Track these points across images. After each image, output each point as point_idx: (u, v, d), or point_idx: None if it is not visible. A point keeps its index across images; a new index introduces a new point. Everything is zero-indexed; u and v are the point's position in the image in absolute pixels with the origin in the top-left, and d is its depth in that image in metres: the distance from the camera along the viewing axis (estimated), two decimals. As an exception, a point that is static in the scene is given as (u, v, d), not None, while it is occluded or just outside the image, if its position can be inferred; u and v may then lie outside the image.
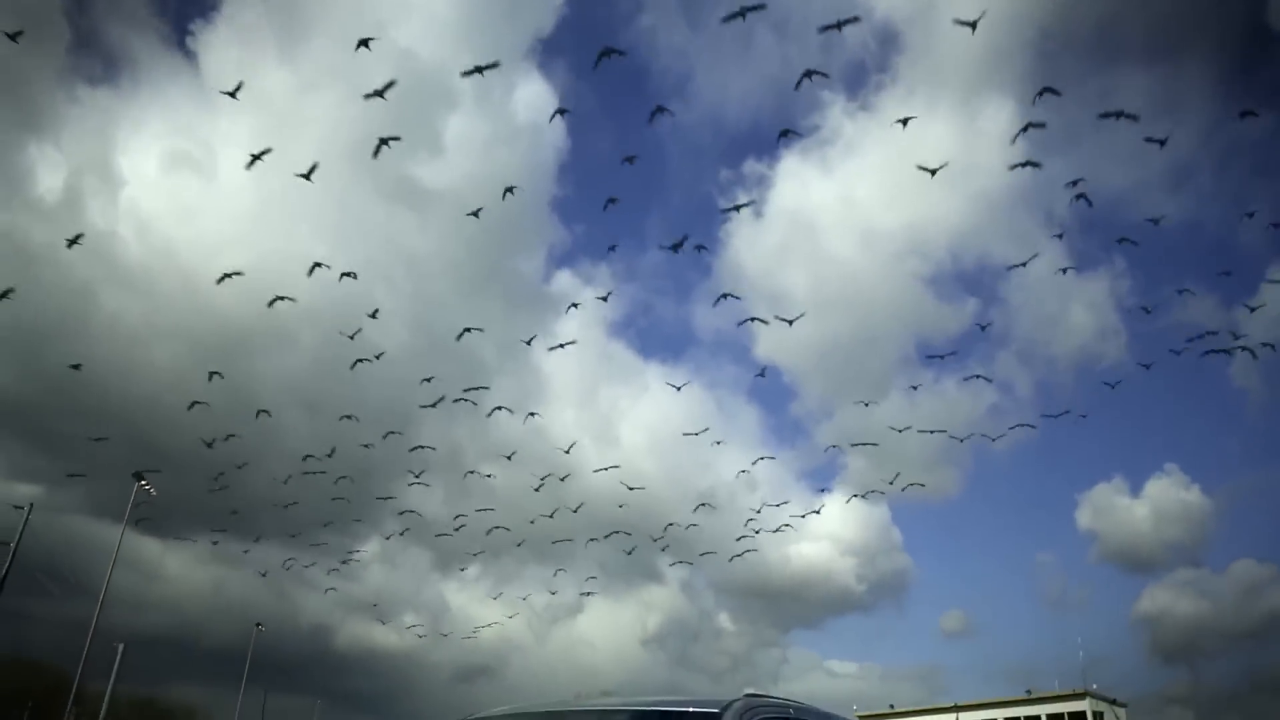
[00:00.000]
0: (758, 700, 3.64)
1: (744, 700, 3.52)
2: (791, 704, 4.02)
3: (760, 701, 3.64)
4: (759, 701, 3.63)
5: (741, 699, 3.52)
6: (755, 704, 3.56)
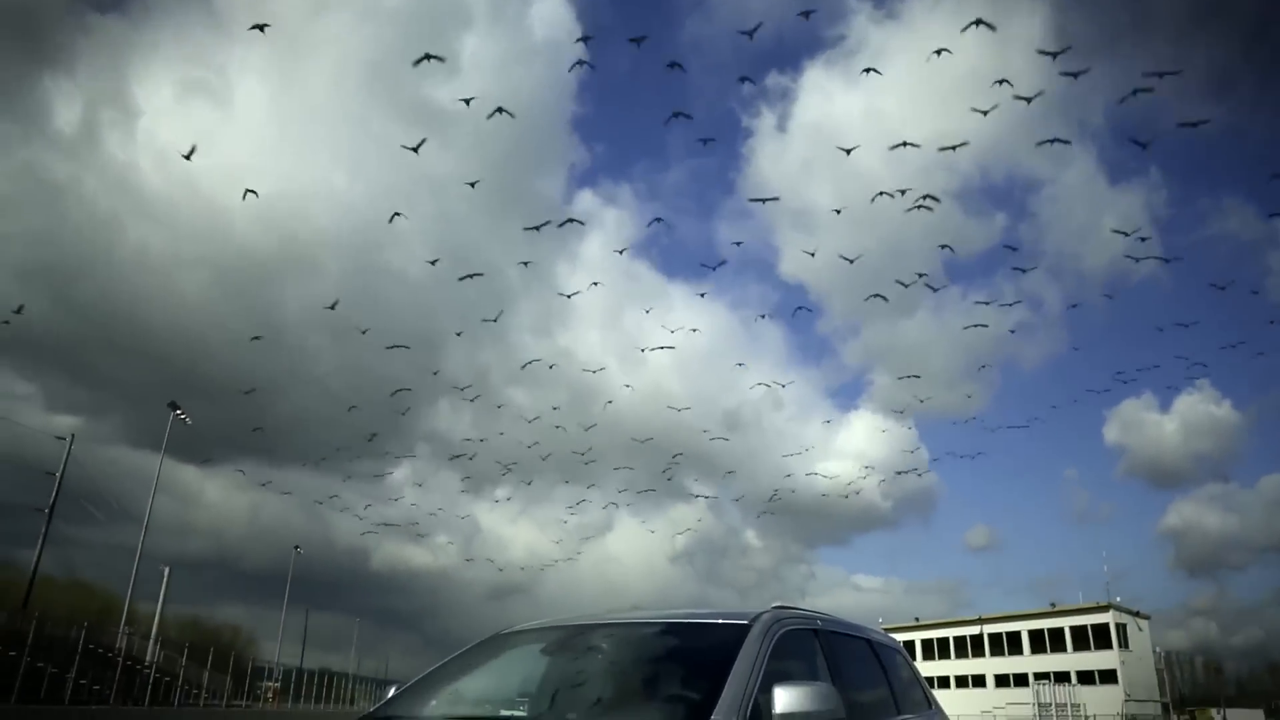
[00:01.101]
0: (786, 612, 3.68)
1: (772, 612, 3.56)
2: (819, 616, 4.07)
3: (788, 613, 3.69)
4: (787, 613, 3.67)
5: (770, 611, 3.56)
6: (783, 616, 3.60)
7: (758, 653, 3.16)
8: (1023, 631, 61.64)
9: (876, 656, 4.51)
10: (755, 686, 2.97)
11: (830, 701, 2.87)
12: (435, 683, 3.81)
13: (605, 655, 3.74)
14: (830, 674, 3.63)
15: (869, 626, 4.79)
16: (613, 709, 3.28)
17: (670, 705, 3.10)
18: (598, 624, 4.00)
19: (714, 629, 3.50)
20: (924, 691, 5.06)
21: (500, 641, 4.11)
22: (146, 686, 32.42)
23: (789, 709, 2.80)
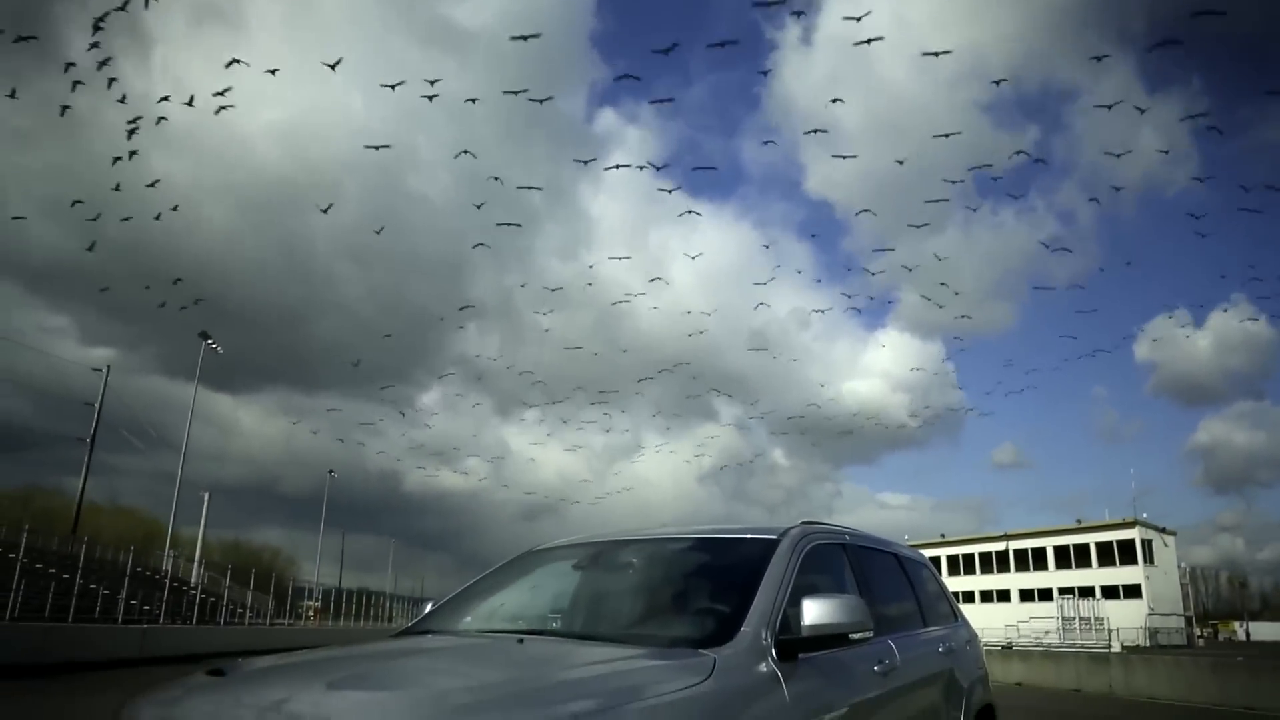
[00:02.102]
0: (814, 527, 3.71)
1: (800, 528, 3.59)
2: (847, 531, 4.11)
3: (816, 528, 3.72)
4: (815, 528, 3.71)
5: (798, 526, 3.60)
6: (811, 530, 3.64)
7: (786, 566, 3.20)
8: (1048, 547, 62.15)
9: (903, 570, 4.57)
10: (784, 599, 3.01)
11: (858, 613, 2.91)
12: (470, 598, 3.91)
13: (636, 570, 3.81)
14: (858, 587, 3.68)
15: (896, 541, 4.83)
16: (643, 621, 3.35)
17: (700, 618, 3.16)
18: (628, 539, 4.06)
19: (743, 544, 3.55)
20: (950, 604, 5.13)
21: (533, 558, 4.20)
22: (193, 606, 33.64)
23: (817, 620, 2.84)
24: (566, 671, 2.47)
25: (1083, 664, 21.55)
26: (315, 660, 2.78)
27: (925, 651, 4.14)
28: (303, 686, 2.27)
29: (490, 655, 2.94)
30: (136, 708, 2.31)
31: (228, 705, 2.18)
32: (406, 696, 2.23)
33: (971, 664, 4.69)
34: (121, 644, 21.25)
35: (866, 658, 3.37)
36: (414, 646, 3.17)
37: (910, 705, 3.74)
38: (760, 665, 2.71)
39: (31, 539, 27.37)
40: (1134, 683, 18.59)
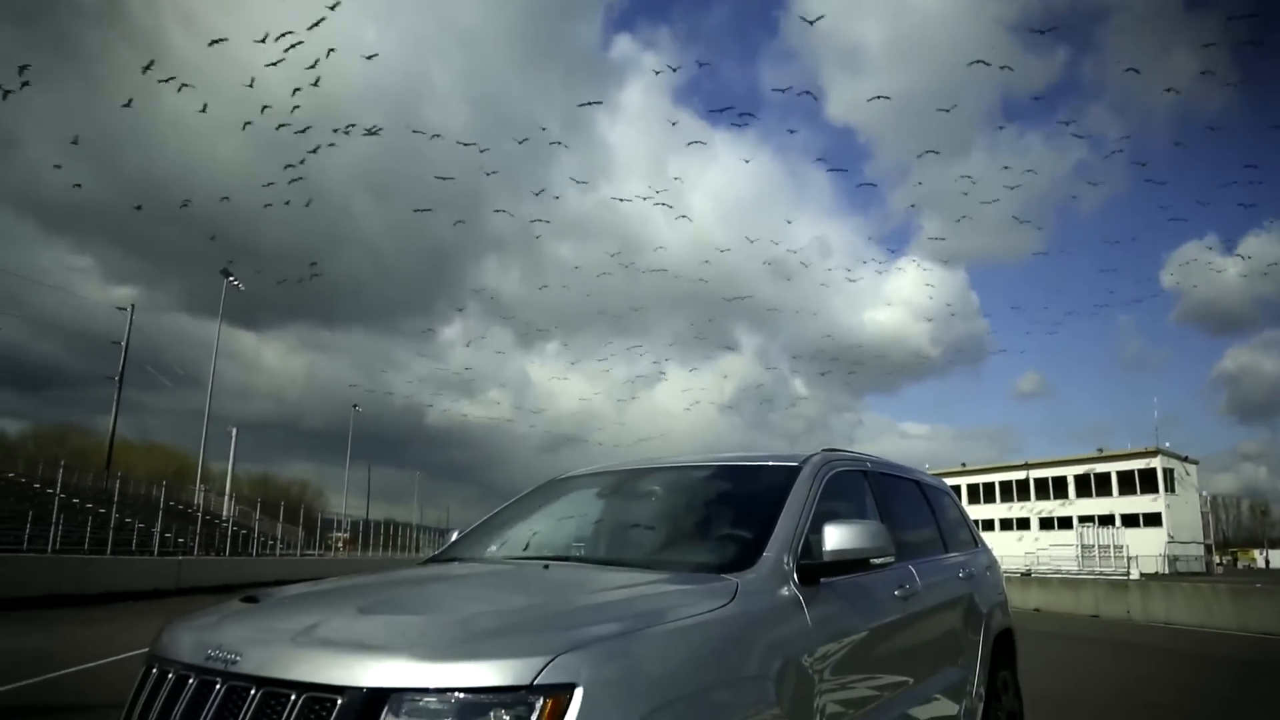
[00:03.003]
0: (835, 455, 3.72)
1: (822, 455, 3.60)
2: (868, 458, 4.12)
3: (837, 456, 3.73)
4: (836, 456, 3.71)
5: (820, 453, 3.60)
6: (833, 458, 3.65)
7: (808, 493, 3.22)
8: (1069, 476, 62.27)
9: (925, 497, 4.58)
10: (806, 525, 3.03)
11: (880, 539, 2.93)
12: (494, 527, 3.97)
13: (658, 498, 3.85)
14: (879, 514, 3.70)
15: (917, 469, 4.84)
16: (666, 548, 3.39)
17: (722, 543, 3.19)
18: (650, 468, 4.09)
19: (765, 471, 3.57)
20: (971, 530, 5.16)
21: (556, 486, 4.24)
22: (225, 539, 34.49)
23: (839, 545, 2.86)
24: (591, 595, 2.51)
25: (1101, 590, 21.74)
26: (345, 587, 2.84)
27: (945, 577, 4.17)
28: (334, 612, 2.32)
29: (516, 580, 2.99)
30: (175, 631, 2.38)
31: (262, 629, 2.24)
32: (435, 620, 2.28)
33: (991, 589, 4.74)
34: (158, 575, 21.90)
35: (887, 582, 3.41)
36: (441, 573, 3.23)
37: (930, 629, 3.79)
38: (782, 589, 2.74)
39: (67, 475, 28.06)
40: (1151, 609, 18.76)
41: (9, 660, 9.01)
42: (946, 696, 3.81)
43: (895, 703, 3.28)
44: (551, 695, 1.81)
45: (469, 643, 1.96)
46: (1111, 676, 9.78)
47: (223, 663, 2.04)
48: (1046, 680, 8.69)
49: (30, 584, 16.76)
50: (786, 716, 2.41)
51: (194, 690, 2.06)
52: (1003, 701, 4.54)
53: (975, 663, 4.20)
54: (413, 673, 1.82)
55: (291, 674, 1.90)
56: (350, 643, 2.03)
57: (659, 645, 2.14)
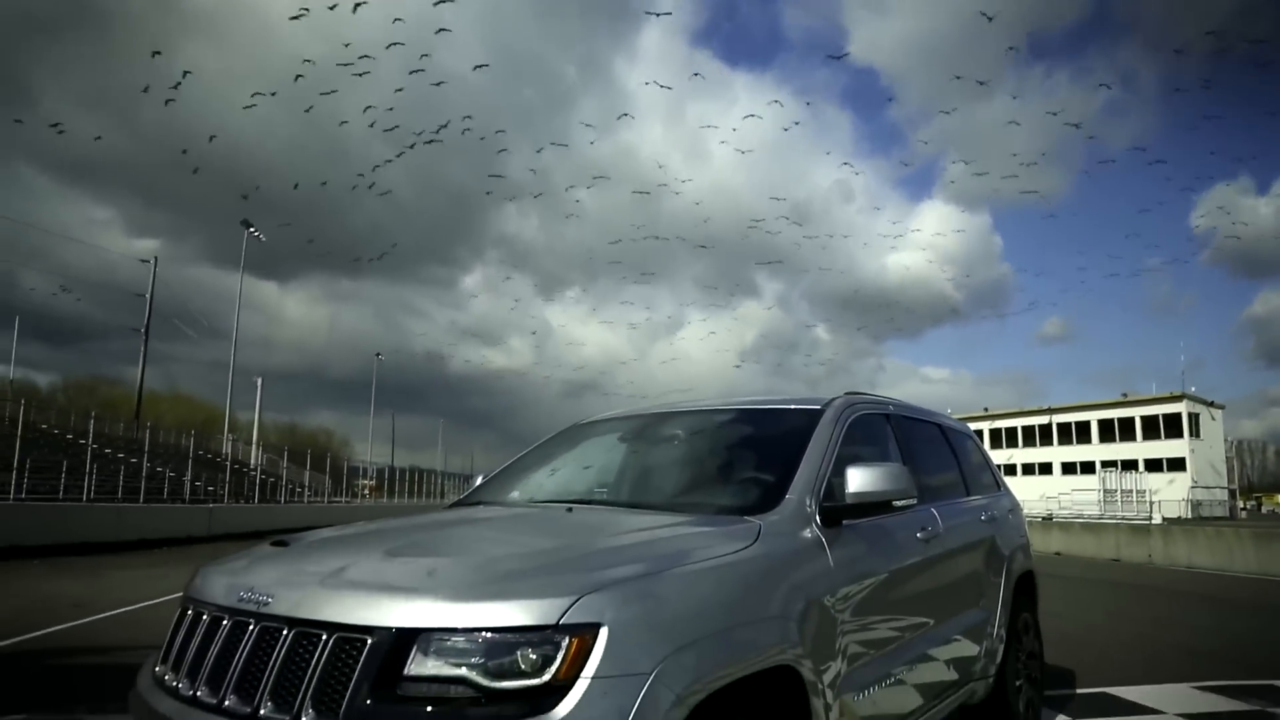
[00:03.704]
0: (857, 398, 3.71)
1: (844, 398, 3.59)
2: (891, 401, 4.11)
3: (860, 399, 3.72)
4: (859, 399, 3.70)
5: (842, 397, 3.59)
6: (855, 401, 3.63)
7: (830, 435, 3.21)
8: (1092, 421, 61.97)
9: (947, 440, 4.57)
10: (828, 468, 3.04)
11: (902, 481, 2.93)
12: (518, 471, 4.01)
13: (680, 441, 3.86)
14: (902, 456, 3.70)
15: (940, 412, 4.82)
16: (689, 490, 3.40)
17: (745, 486, 3.20)
18: (673, 412, 4.10)
19: (787, 414, 3.56)
20: (993, 474, 5.15)
21: (579, 431, 4.27)
22: (254, 486, 35.12)
23: (862, 488, 2.87)
24: (615, 537, 2.53)
25: (1122, 535, 21.76)
26: (372, 531, 2.88)
27: (968, 519, 4.18)
28: (362, 555, 2.36)
29: (541, 523, 3.02)
30: (208, 574, 2.44)
31: (292, 572, 2.28)
32: (461, 562, 2.31)
33: (1013, 532, 4.74)
34: (190, 522, 22.37)
35: (909, 525, 3.42)
36: (466, 516, 3.27)
37: (952, 571, 3.81)
38: (805, 531, 2.76)
39: (98, 426, 28.57)
40: (1173, 553, 18.77)
41: (52, 605, 9.28)
42: (967, 638, 3.84)
43: (916, 643, 3.31)
44: (577, 635, 1.84)
45: (495, 583, 1.99)
46: (1130, 618, 9.83)
47: (255, 604, 2.08)
48: (1065, 622, 8.74)
49: (67, 532, 17.18)
50: (809, 656, 2.44)
51: (228, 631, 2.11)
52: (1023, 643, 4.58)
53: (997, 605, 4.22)
54: (440, 613, 1.85)
55: (322, 615, 1.94)
56: (378, 584, 2.06)
57: (683, 586, 2.17)
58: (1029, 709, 4.50)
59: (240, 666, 2.01)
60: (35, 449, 26.73)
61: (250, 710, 1.92)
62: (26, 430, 23.99)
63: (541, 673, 1.80)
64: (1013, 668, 4.34)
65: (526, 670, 1.80)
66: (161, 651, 2.37)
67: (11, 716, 4.59)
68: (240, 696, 1.97)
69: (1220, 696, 5.50)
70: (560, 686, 1.79)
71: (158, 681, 2.27)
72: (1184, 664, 6.71)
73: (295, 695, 1.87)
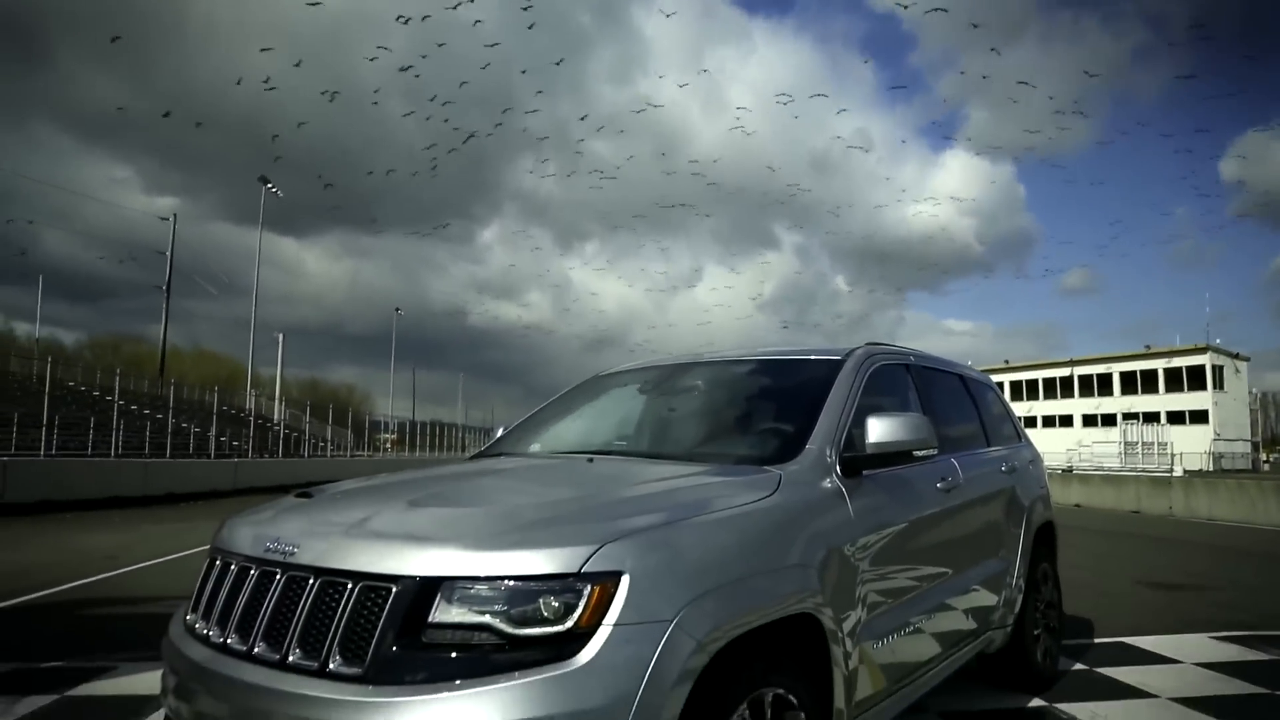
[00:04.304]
0: (878, 348, 3.68)
1: (865, 348, 3.57)
2: (912, 352, 4.08)
3: (880, 349, 3.69)
4: (879, 349, 3.68)
5: (863, 347, 3.57)
6: (875, 351, 3.61)
7: (851, 386, 3.20)
8: (1114, 373, 61.43)
9: (968, 391, 4.54)
10: (848, 418, 3.03)
11: (922, 431, 2.92)
12: (539, 423, 4.03)
13: (700, 392, 3.86)
14: (922, 407, 3.68)
15: (961, 363, 4.79)
16: (709, 441, 3.41)
17: (765, 436, 3.20)
18: (692, 363, 4.10)
19: (807, 364, 3.55)
20: (1014, 425, 5.13)
21: (599, 382, 4.27)
22: (278, 441, 35.57)
23: (882, 438, 2.86)
24: (636, 487, 2.54)
25: (1143, 487, 21.68)
26: (395, 482, 2.91)
27: (988, 470, 4.17)
28: (385, 505, 2.39)
29: (562, 474, 3.04)
30: (235, 526, 2.47)
31: (317, 522, 2.31)
32: (483, 512, 2.33)
33: (1033, 483, 4.73)
34: (216, 477, 22.73)
35: (929, 475, 3.41)
36: (488, 468, 3.29)
37: (972, 521, 3.81)
38: (825, 481, 2.76)
39: (124, 383, 28.97)
40: (1194, 505, 18.70)
41: (85, 557, 9.49)
42: (986, 588, 3.85)
43: (935, 592, 3.33)
44: (599, 582, 1.86)
45: (517, 532, 2.01)
46: (1149, 569, 9.83)
47: (282, 554, 2.11)
48: (1084, 572, 8.77)
49: (98, 487, 17.51)
50: (829, 604, 2.46)
51: (256, 580, 2.15)
52: (1042, 592, 4.59)
53: (1016, 555, 4.23)
54: (464, 562, 1.87)
55: (347, 564, 1.97)
56: (402, 534, 2.09)
57: (703, 534, 2.18)
58: (1046, 657, 4.53)
59: (268, 615, 2.04)
60: (63, 406, 27.18)
61: (279, 657, 1.95)
62: (54, 388, 24.36)
63: (564, 620, 1.82)
64: (1031, 617, 4.36)
65: (549, 618, 1.82)
66: (191, 601, 2.42)
67: (50, 663, 4.72)
68: (269, 643, 2.01)
69: (1239, 646, 5.51)
70: (582, 634, 1.82)
71: (189, 629, 2.32)
72: (1203, 614, 6.72)
73: (323, 642, 1.90)
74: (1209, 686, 4.53)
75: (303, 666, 1.90)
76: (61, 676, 4.46)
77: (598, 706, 1.75)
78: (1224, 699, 4.29)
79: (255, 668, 1.97)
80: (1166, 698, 4.30)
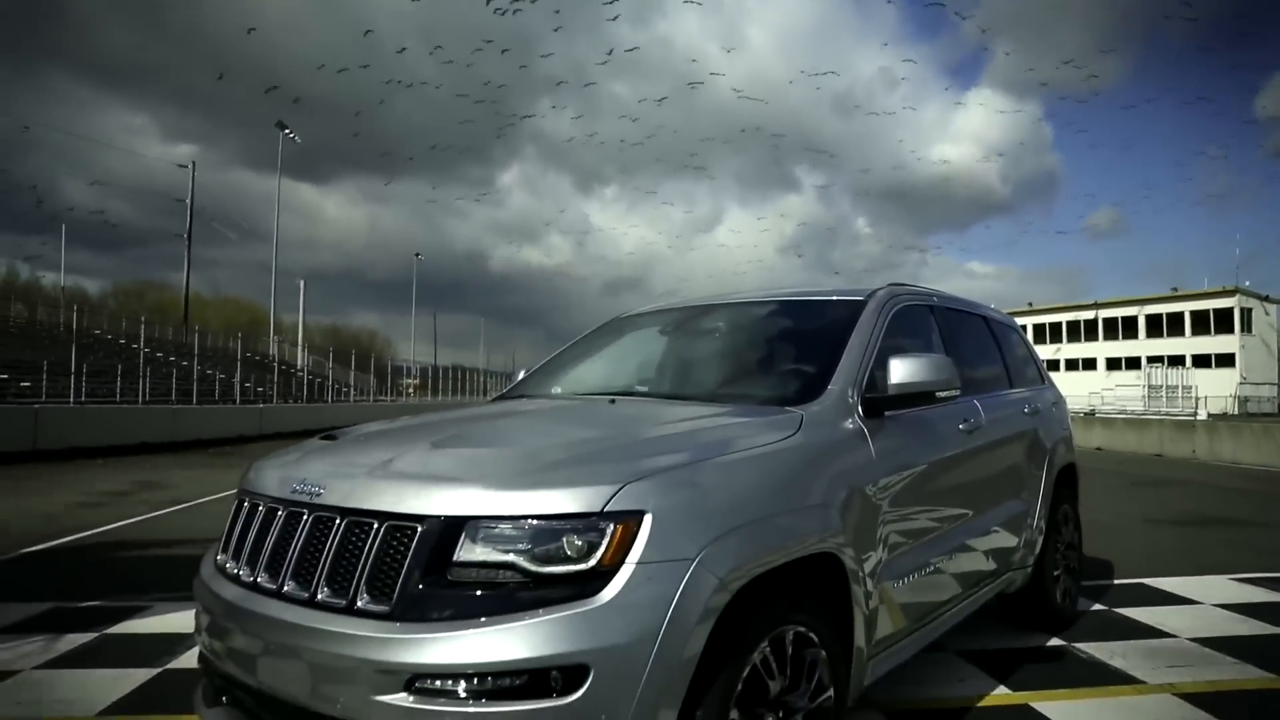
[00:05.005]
0: (901, 289, 3.64)
1: (888, 289, 3.53)
2: (935, 293, 4.03)
3: (903, 290, 3.65)
4: (902, 290, 3.63)
5: (885, 288, 3.53)
6: (898, 292, 3.57)
7: (873, 327, 3.17)
8: (1139, 316, 60.67)
9: (992, 333, 4.50)
10: (871, 359, 3.01)
11: (945, 372, 2.90)
12: (560, 365, 4.03)
13: (721, 333, 3.84)
14: (945, 349, 3.65)
15: (985, 304, 4.74)
16: (731, 382, 3.40)
17: (787, 377, 3.19)
18: (714, 304, 4.08)
19: (829, 305, 3.52)
20: (1038, 367, 5.09)
21: (620, 324, 4.27)
22: (302, 387, 35.96)
23: (904, 379, 2.84)
24: (658, 427, 2.55)
25: (1166, 430, 21.56)
26: (418, 424, 2.93)
27: (1010, 412, 4.15)
28: (409, 447, 2.40)
29: (584, 415, 3.05)
30: (261, 468, 2.51)
31: (342, 464, 2.33)
32: (507, 452, 2.35)
33: (1056, 425, 4.71)
34: (242, 422, 23.07)
35: (952, 416, 3.40)
36: (510, 409, 3.31)
37: (994, 462, 3.81)
38: (846, 422, 2.76)
39: (149, 330, 29.25)
40: (1218, 448, 18.59)
41: (117, 501, 9.71)
42: (1007, 529, 3.86)
43: (956, 533, 3.34)
44: (621, 521, 1.87)
45: (541, 472, 2.02)
46: (1170, 511, 9.82)
47: (308, 495, 2.14)
48: (1105, 514, 8.77)
49: (127, 433, 17.82)
50: (850, 544, 2.47)
51: (283, 521, 2.18)
52: (1062, 533, 4.60)
53: (1037, 496, 4.23)
54: (488, 501, 1.89)
55: (373, 504, 1.99)
56: (426, 475, 2.11)
57: (725, 474, 2.19)
58: (1065, 598, 4.56)
59: (296, 554, 2.08)
60: (90, 354, 27.54)
61: (308, 595, 1.99)
62: (80, 336, 24.67)
63: (587, 558, 1.84)
64: (1051, 558, 4.38)
65: (573, 556, 1.84)
66: (221, 542, 2.46)
67: (88, 602, 4.86)
68: (298, 582, 2.04)
69: (1259, 588, 5.51)
70: (606, 572, 1.83)
71: (220, 569, 2.37)
72: (1223, 556, 6.72)
73: (350, 580, 1.93)
74: (1228, 627, 4.55)
75: (331, 604, 1.94)
76: (99, 615, 4.59)
77: (621, 643, 1.78)
78: (1243, 639, 4.30)
79: (285, 605, 2.01)
80: (1185, 638, 4.32)
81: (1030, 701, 3.43)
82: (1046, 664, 3.95)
